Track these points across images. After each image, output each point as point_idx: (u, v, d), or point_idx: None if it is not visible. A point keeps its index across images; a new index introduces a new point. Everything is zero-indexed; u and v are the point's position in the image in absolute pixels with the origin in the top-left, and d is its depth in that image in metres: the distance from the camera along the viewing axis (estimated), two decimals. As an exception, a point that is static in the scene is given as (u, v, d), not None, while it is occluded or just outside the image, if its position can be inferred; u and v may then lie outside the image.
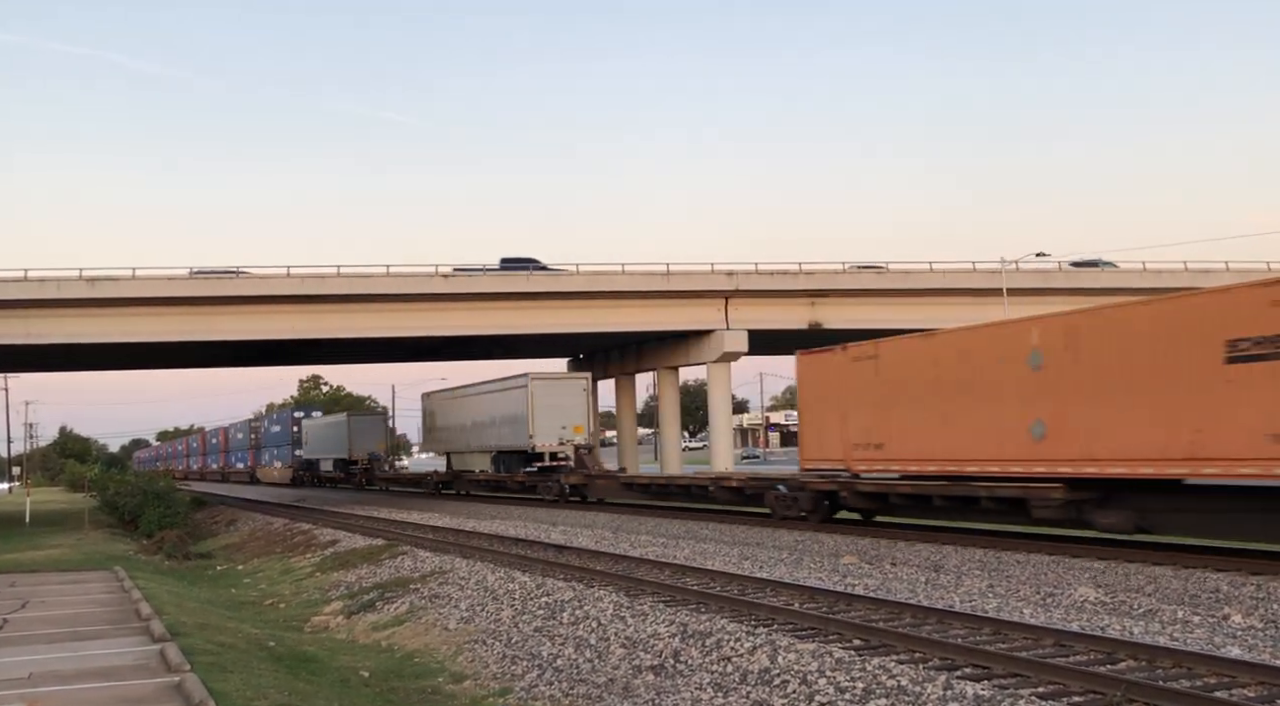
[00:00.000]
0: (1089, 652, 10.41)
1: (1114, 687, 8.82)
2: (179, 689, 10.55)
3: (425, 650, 14.59)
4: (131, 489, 40.79)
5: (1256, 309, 15.02)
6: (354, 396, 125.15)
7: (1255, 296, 15.10)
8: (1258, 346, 14.91)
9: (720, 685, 10.32)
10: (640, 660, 11.65)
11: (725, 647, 11.29)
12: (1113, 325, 17.46)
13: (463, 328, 44.58)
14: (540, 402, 38.14)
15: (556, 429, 38.00)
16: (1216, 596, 14.04)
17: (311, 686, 11.94)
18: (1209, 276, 49.16)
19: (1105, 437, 17.24)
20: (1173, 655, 9.89)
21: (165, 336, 41.87)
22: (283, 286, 41.39)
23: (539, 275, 44.09)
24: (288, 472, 71.10)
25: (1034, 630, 11.28)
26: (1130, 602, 13.72)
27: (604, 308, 45.34)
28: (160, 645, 13.02)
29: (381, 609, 17.84)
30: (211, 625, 15.96)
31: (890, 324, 40.74)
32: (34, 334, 39.97)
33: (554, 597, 15.32)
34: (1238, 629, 11.95)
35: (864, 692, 9.29)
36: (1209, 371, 15.55)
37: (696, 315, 46.11)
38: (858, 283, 46.46)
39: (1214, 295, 16.17)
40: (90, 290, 39.33)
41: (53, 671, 11.73)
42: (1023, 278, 47.26)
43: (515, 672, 12.38)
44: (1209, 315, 15.76)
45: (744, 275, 45.70)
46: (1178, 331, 16.20)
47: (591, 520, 29.39)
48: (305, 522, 35.24)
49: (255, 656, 13.52)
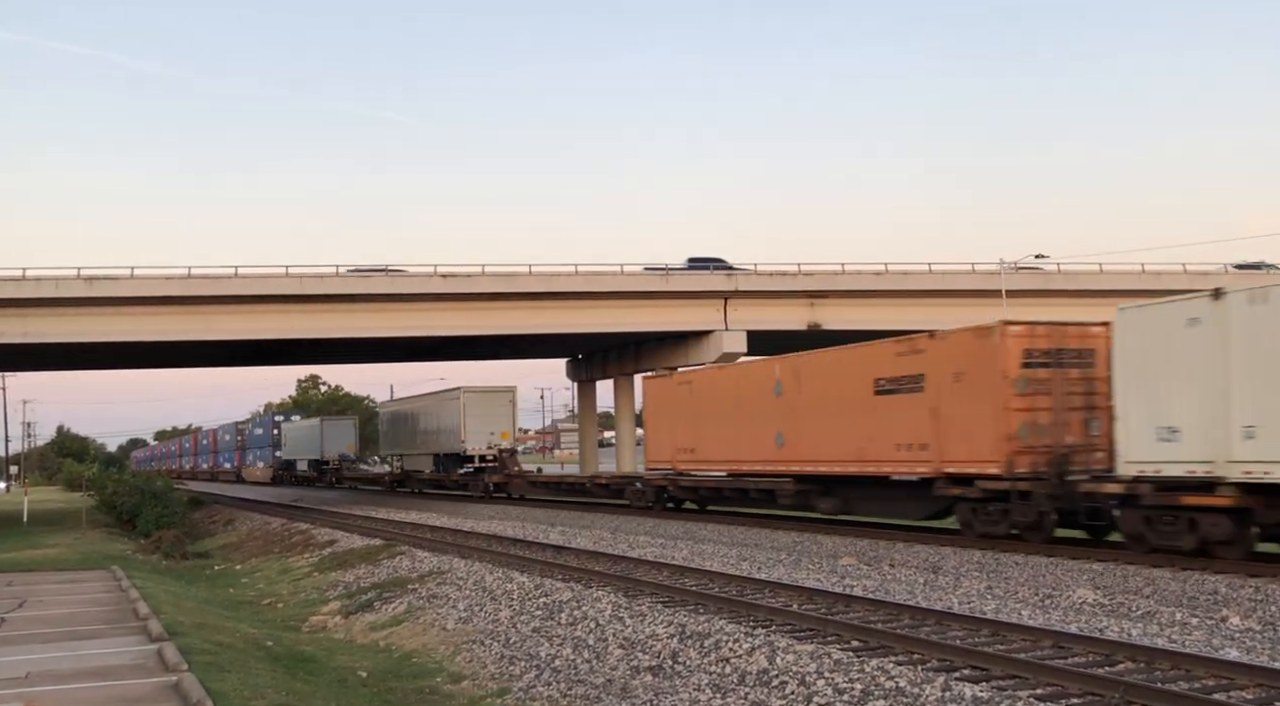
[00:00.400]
0: (1087, 654, 10.41)
1: (1112, 689, 8.82)
2: (176, 688, 10.54)
3: (423, 650, 14.58)
4: (129, 488, 40.73)
5: (889, 358, 22.31)
6: (352, 396, 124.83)
7: (888, 349, 22.57)
8: (889, 383, 22.16)
9: (719, 686, 10.31)
10: (638, 661, 11.64)
11: (724, 648, 11.28)
12: (820, 365, 24.84)
13: (461, 328, 44.53)
14: (471, 412, 43.98)
15: (485, 435, 43.87)
16: (1215, 598, 14.04)
17: (309, 686, 11.92)
18: (1208, 278, 49.14)
19: (818, 446, 24.20)
20: (1171, 657, 9.90)
21: (163, 336, 41.81)
22: (281, 286, 41.33)
23: (537, 276, 44.05)
24: (269, 472, 75.40)
25: (1032, 631, 11.28)
26: (1129, 604, 13.72)
27: (602, 308, 45.29)
28: (158, 644, 13.01)
29: (379, 609, 17.83)
30: (209, 625, 15.95)
31: (889, 325, 40.69)
32: (32, 333, 39.90)
33: (552, 598, 15.31)
34: (1236, 631, 11.95)
35: (862, 694, 9.28)
36: (866, 400, 22.64)
37: (695, 316, 46.06)
38: (857, 283, 46.40)
39: (868, 347, 23.41)
40: (88, 289, 39.27)
41: (50, 670, 11.71)
42: (1022, 279, 47.23)
43: (513, 673, 12.37)
44: (866, 361, 22.97)
45: (743, 276, 45.66)
46: (851, 371, 23.33)
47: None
48: (303, 522, 35.22)
49: (253, 656, 13.50)
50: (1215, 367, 15.56)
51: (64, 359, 51.52)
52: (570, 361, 60.53)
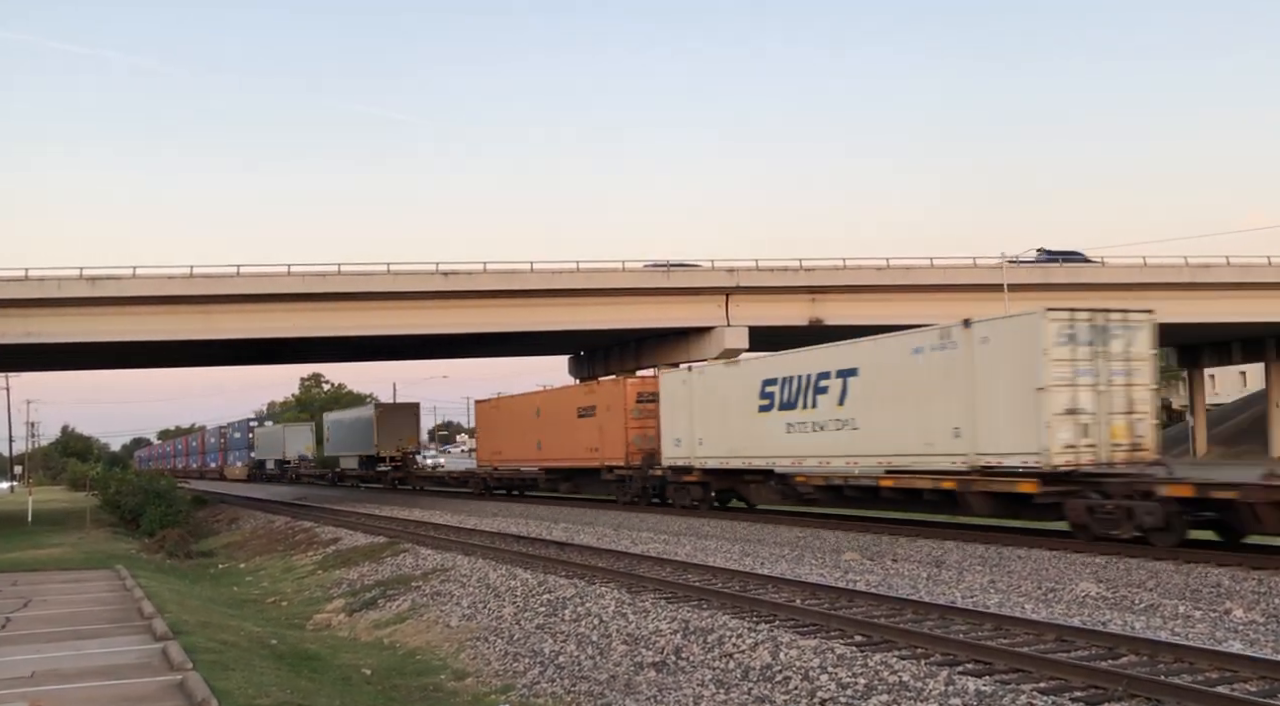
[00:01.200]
0: (1091, 647, 10.42)
1: (1116, 682, 8.83)
2: (181, 687, 10.56)
3: (427, 647, 14.60)
4: (133, 488, 40.82)
5: (582, 394, 36.94)
6: (354, 394, 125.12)
7: (581, 389, 38.08)
8: (582, 410, 35.86)
9: (722, 681, 10.33)
10: (642, 657, 11.66)
11: (727, 644, 11.30)
12: (556, 398, 39.21)
13: (463, 326, 44.53)
14: (382, 424, 56.38)
15: (394, 441, 56.09)
16: (1218, 591, 14.05)
17: (314, 684, 11.95)
18: (1209, 271, 49.05)
19: (556, 449, 37.91)
20: (1174, 650, 9.90)
21: (166, 335, 41.84)
22: (283, 285, 41.35)
23: (539, 273, 44.04)
24: (245, 471, 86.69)
25: (1035, 625, 11.29)
26: (1132, 597, 13.73)
27: (604, 305, 45.26)
28: (162, 643, 13.03)
29: (383, 606, 17.86)
30: (213, 623, 15.98)
31: (891, 320, 40.65)
32: (35, 333, 39.93)
33: (556, 595, 15.33)
34: (1239, 623, 11.96)
35: (866, 688, 9.29)
36: (574, 421, 36.27)
37: (697, 312, 46.02)
38: (858, 279, 46.31)
39: (574, 387, 39.62)
40: (91, 289, 39.30)
41: (55, 670, 11.74)
42: (1023, 273, 47.17)
43: (517, 670, 12.39)
44: (573, 396, 37.73)
45: (744, 272, 45.58)
46: (568, 403, 37.49)
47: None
48: (307, 520, 35.28)
49: (257, 654, 13.53)
50: (687, 407, 29.53)
51: (67, 359, 51.54)
52: (572, 358, 60.51)
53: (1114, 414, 18.77)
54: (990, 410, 19.65)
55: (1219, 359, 65.11)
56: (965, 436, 20.17)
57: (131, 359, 55.01)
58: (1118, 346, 18.94)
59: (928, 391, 21.12)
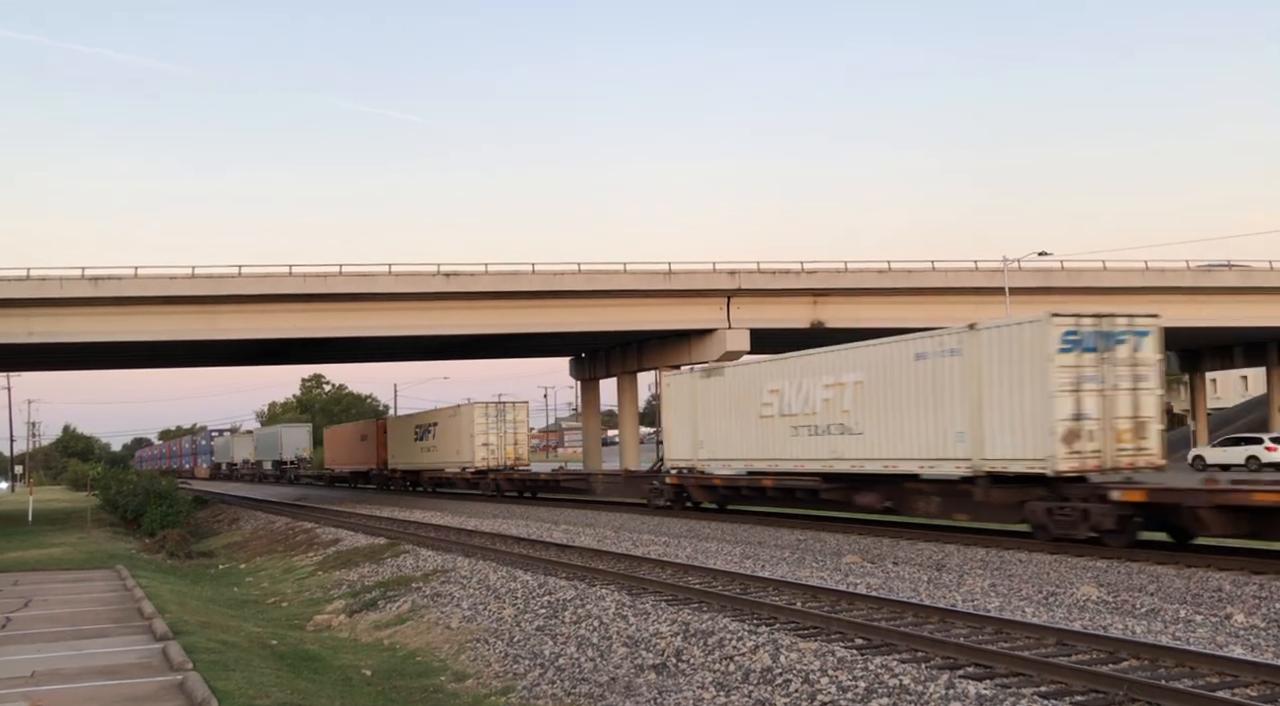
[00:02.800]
0: (1091, 652, 10.41)
1: (1117, 687, 8.82)
2: (181, 687, 10.56)
3: (427, 649, 14.59)
4: (134, 488, 40.82)
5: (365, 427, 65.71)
6: (355, 395, 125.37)
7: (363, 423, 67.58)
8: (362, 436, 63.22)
9: (722, 684, 10.32)
10: (642, 659, 11.65)
11: (727, 646, 11.29)
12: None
13: (464, 327, 44.59)
14: (285, 436, 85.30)
15: (295, 448, 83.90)
16: (1219, 596, 14.03)
17: (314, 685, 11.94)
18: (1211, 275, 49.08)
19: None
20: (1175, 654, 9.89)
21: (167, 335, 41.90)
22: (285, 285, 41.40)
23: (540, 275, 44.08)
24: (208, 471, 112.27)
25: (1036, 629, 11.28)
26: (1133, 602, 13.71)
27: (605, 307, 45.31)
28: (163, 643, 13.03)
29: (384, 607, 17.85)
30: (214, 623, 15.98)
31: (893, 322, 40.69)
32: (37, 333, 39.99)
33: (556, 596, 15.32)
34: (1240, 628, 11.94)
35: (866, 692, 9.28)
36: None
37: (698, 314, 46.06)
38: (860, 282, 46.35)
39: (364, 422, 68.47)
40: (93, 289, 39.34)
41: (55, 669, 11.74)
42: (1025, 276, 47.17)
43: (517, 671, 12.38)
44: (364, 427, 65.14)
45: (746, 274, 45.61)
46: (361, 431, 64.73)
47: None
48: (307, 521, 35.28)
49: (257, 655, 13.53)
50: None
51: (68, 358, 51.61)
52: (573, 360, 60.55)
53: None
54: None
55: (1221, 362, 65.09)
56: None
57: (133, 359, 55.07)
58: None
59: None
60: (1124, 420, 18.81)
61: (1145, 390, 19.03)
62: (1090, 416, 18.55)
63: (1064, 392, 18.43)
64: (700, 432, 29.52)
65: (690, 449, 30.11)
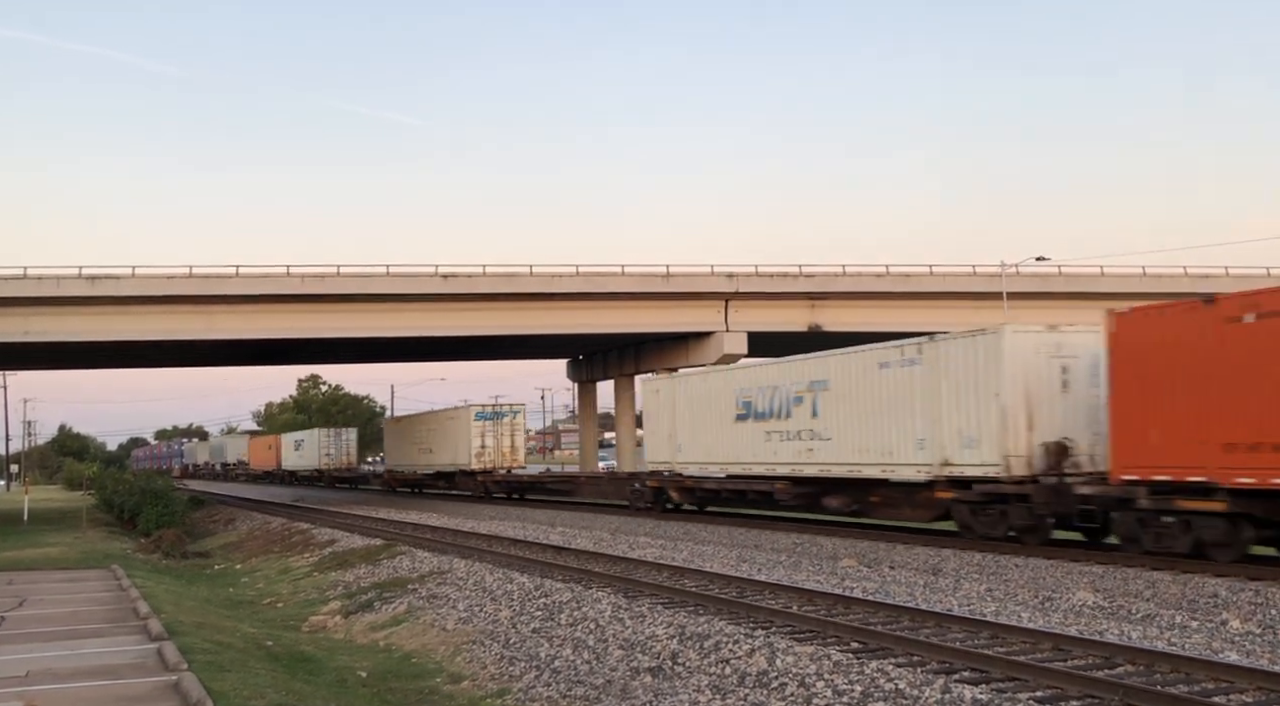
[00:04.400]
0: (1087, 656, 10.41)
1: (1112, 692, 8.83)
2: (176, 687, 10.54)
3: (423, 650, 14.58)
4: (130, 487, 40.76)
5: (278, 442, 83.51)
6: (351, 396, 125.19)
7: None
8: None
9: (718, 687, 10.31)
10: (638, 662, 11.65)
11: (723, 650, 11.29)
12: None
13: (462, 328, 44.54)
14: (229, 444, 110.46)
15: (236, 454, 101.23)
16: (1215, 601, 14.04)
17: (309, 686, 11.93)
18: (1209, 281, 49.07)
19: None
20: (1171, 660, 9.90)
21: (164, 335, 41.83)
22: (282, 285, 41.34)
23: (538, 276, 44.06)
24: (181, 471, 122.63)
25: (1032, 634, 11.28)
26: (1129, 607, 13.72)
27: (603, 309, 45.27)
28: (158, 644, 13.02)
29: (379, 609, 17.83)
30: (209, 624, 15.96)
31: (890, 327, 40.68)
32: (33, 332, 39.91)
33: (552, 599, 15.31)
34: (1236, 634, 11.95)
35: (862, 696, 9.28)
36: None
37: (696, 317, 46.04)
38: (858, 285, 46.35)
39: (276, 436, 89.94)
40: (90, 288, 39.28)
41: (50, 669, 11.72)
42: (1022, 281, 47.19)
43: (513, 673, 12.37)
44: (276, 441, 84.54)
45: (744, 277, 45.61)
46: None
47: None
48: (303, 522, 35.23)
49: (253, 655, 13.51)
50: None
51: (65, 358, 51.53)
52: (571, 362, 60.53)
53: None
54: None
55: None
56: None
57: (130, 358, 54.99)
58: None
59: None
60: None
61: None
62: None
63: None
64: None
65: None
